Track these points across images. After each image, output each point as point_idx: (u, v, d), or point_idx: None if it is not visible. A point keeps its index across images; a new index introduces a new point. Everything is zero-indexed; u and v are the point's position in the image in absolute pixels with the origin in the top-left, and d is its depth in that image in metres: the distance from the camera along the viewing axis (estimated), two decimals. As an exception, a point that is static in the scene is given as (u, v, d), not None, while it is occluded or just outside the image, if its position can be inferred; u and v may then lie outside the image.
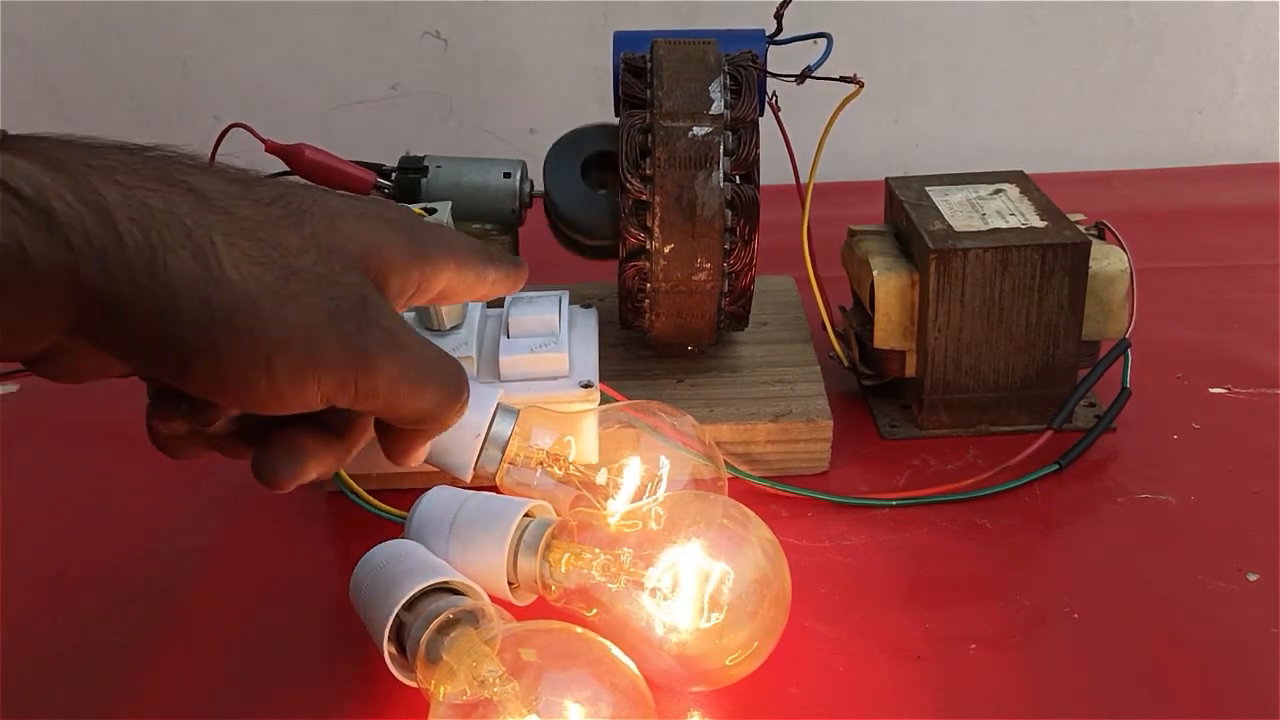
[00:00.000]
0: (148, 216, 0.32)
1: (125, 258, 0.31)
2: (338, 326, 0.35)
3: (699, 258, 0.57)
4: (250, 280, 0.33)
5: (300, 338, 0.34)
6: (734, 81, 0.58)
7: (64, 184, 0.31)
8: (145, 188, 0.32)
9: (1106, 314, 0.61)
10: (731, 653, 0.43)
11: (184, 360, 0.33)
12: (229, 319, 0.32)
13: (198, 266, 0.32)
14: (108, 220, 0.31)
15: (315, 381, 0.34)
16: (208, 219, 0.33)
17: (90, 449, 0.65)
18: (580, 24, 1.03)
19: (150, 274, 0.31)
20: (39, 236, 0.30)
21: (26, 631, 0.50)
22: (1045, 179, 0.67)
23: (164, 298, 0.32)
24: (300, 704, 0.46)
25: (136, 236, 0.31)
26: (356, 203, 0.38)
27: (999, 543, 0.53)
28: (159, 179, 0.33)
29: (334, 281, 0.35)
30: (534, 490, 0.50)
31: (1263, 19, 1.03)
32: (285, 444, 0.37)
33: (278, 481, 0.37)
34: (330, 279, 0.35)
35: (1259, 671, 0.45)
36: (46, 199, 0.30)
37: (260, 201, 0.35)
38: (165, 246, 0.32)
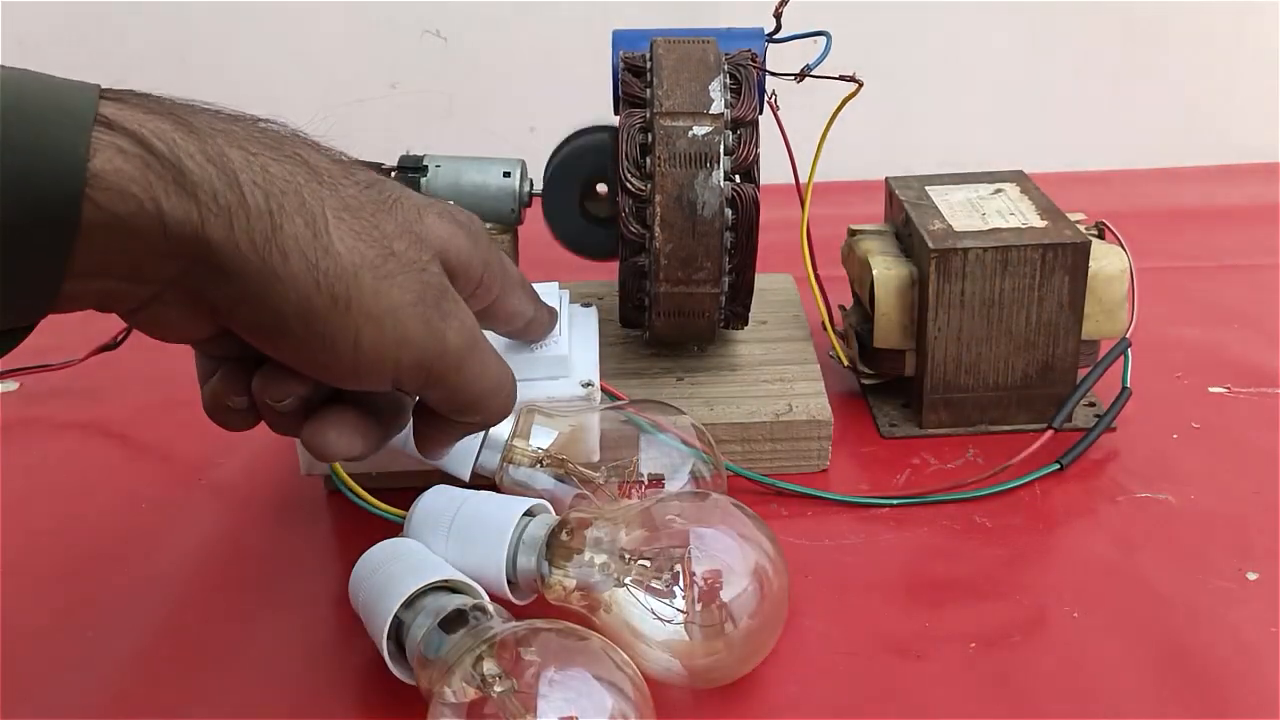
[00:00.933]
0: (269, 182, 0.33)
1: (247, 218, 0.33)
2: (424, 311, 0.37)
3: (699, 257, 0.57)
4: (355, 253, 0.35)
5: (389, 316, 0.36)
6: (734, 80, 0.58)
7: (194, 144, 0.32)
8: (265, 155, 0.34)
9: (1106, 314, 0.61)
10: (730, 652, 0.43)
11: (281, 321, 0.34)
12: (332, 286, 0.34)
13: (309, 234, 0.34)
14: (234, 182, 0.33)
15: (394, 360, 0.36)
16: (319, 191, 0.35)
17: (90, 448, 0.65)
18: (580, 23, 1.03)
19: (266, 236, 0.33)
20: (171, 191, 0.32)
21: (26, 631, 0.50)
22: (1045, 179, 0.67)
23: (276, 259, 0.33)
24: (299, 703, 0.46)
25: (258, 199, 0.33)
26: (436, 202, 0.40)
27: (999, 542, 0.53)
28: (276, 149, 0.35)
29: (423, 269, 0.37)
30: (533, 490, 0.50)
31: (1263, 19, 1.03)
32: (338, 418, 0.39)
33: (328, 452, 0.39)
34: (420, 266, 0.37)
35: (1259, 671, 0.45)
36: (179, 156, 0.32)
37: (360, 184, 0.37)
38: (283, 212, 0.34)
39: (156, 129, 0.32)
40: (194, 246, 0.32)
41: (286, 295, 0.34)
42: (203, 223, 0.32)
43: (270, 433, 0.65)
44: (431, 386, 0.38)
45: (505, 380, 0.41)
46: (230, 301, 0.34)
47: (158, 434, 0.65)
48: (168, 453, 0.64)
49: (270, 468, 0.61)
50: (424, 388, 0.38)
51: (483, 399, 0.40)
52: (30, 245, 0.31)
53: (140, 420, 0.67)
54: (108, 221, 0.31)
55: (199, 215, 0.32)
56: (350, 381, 0.37)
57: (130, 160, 0.31)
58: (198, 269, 0.33)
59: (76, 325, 0.68)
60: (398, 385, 0.38)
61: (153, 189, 0.31)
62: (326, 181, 0.35)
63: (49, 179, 0.30)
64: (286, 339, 0.35)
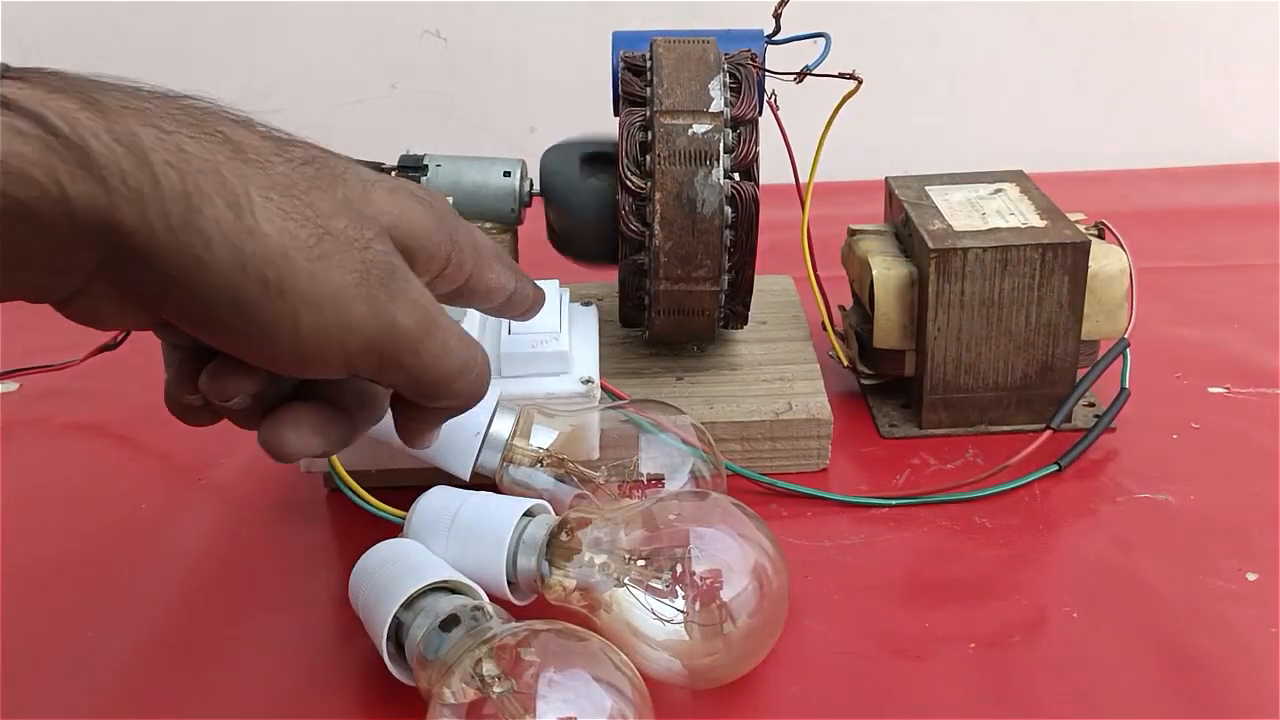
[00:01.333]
0: (184, 162, 0.31)
1: (160, 201, 0.31)
2: (368, 291, 0.34)
3: (699, 254, 0.57)
4: (284, 234, 0.33)
5: (329, 298, 0.33)
6: (733, 79, 0.58)
7: (101, 123, 0.30)
8: (182, 133, 0.32)
9: (1106, 314, 0.61)
10: (730, 652, 0.43)
11: (212, 310, 0.32)
12: (260, 270, 0.32)
13: (232, 216, 0.32)
14: (144, 162, 0.31)
15: (340, 345, 0.34)
16: (243, 170, 0.33)
17: (90, 448, 0.65)
18: (580, 23, 1.03)
19: (184, 219, 0.31)
20: (76, 174, 0.30)
21: (26, 631, 0.50)
22: (1045, 179, 0.67)
23: (197, 244, 0.31)
24: (299, 703, 0.46)
25: (172, 180, 0.31)
26: (388, 178, 0.38)
27: (999, 542, 0.53)
28: (196, 126, 0.33)
29: (365, 246, 0.35)
30: (533, 489, 0.50)
31: (1263, 19, 1.03)
32: (295, 416, 0.37)
33: (284, 452, 0.37)
34: (362, 244, 0.35)
35: (1259, 671, 0.45)
36: (83, 137, 0.30)
37: (294, 160, 0.35)
38: (201, 193, 0.31)
39: (60, 108, 0.30)
40: (106, 232, 0.31)
41: (213, 282, 0.32)
42: (112, 206, 0.30)
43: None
44: (389, 371, 0.36)
45: (472, 360, 0.38)
46: (157, 291, 0.32)
47: (158, 434, 0.65)
48: (168, 453, 0.64)
49: (270, 468, 0.61)
50: (381, 373, 0.36)
51: (448, 381, 0.37)
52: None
53: (140, 420, 0.67)
54: (10, 208, 0.29)
55: (107, 199, 0.30)
56: (299, 370, 0.35)
57: (30, 142, 0.29)
58: (117, 257, 0.31)
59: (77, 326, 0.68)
60: (353, 372, 0.36)
61: (55, 172, 0.29)
62: (252, 159, 0.33)
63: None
64: (221, 329, 0.33)
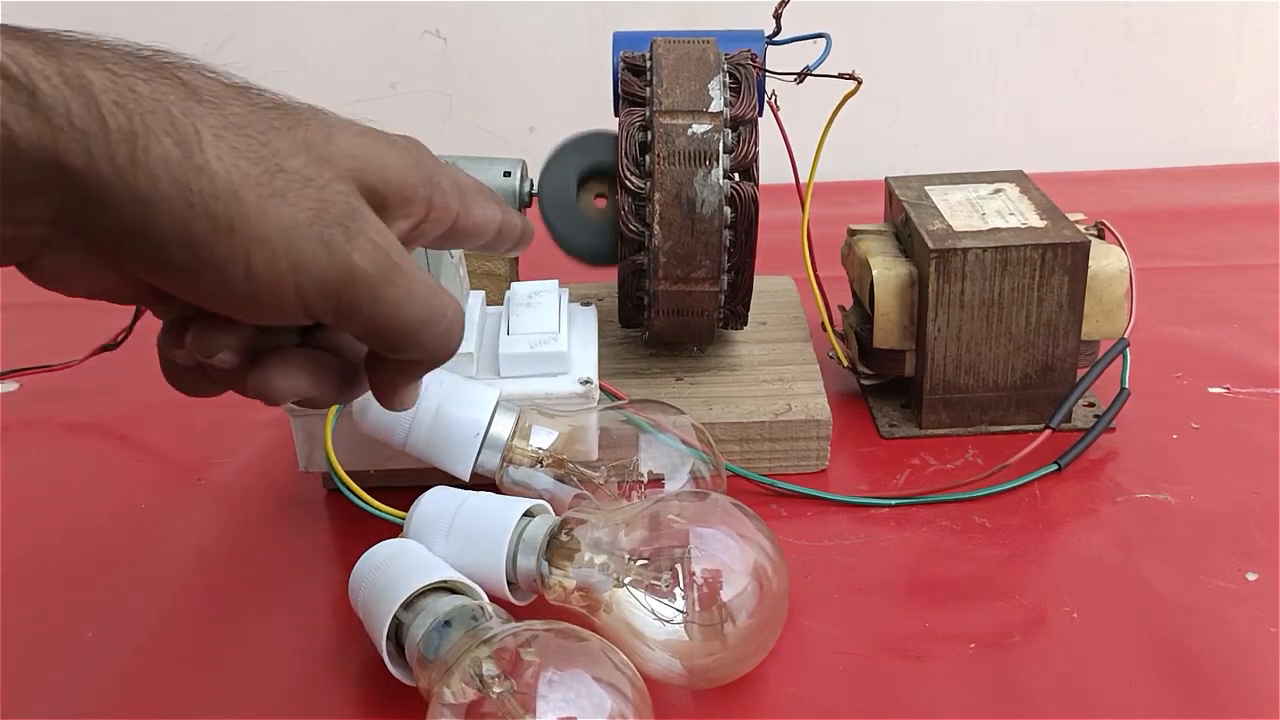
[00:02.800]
0: (133, 102, 0.32)
1: (107, 140, 0.31)
2: (322, 231, 0.34)
3: (698, 255, 0.57)
4: (235, 171, 0.32)
5: (280, 236, 0.33)
6: (733, 80, 0.58)
7: (51, 66, 0.31)
8: (135, 76, 0.32)
9: (1106, 314, 0.61)
10: (730, 652, 0.43)
11: (164, 252, 0.32)
12: (208, 207, 0.32)
13: (180, 154, 0.32)
14: (92, 103, 0.31)
15: (294, 285, 0.34)
16: (195, 110, 0.33)
17: (90, 448, 0.65)
18: (580, 24, 1.03)
19: (130, 158, 0.31)
20: (22, 113, 0.30)
21: (26, 631, 0.50)
22: (1045, 179, 0.67)
23: (143, 182, 0.31)
24: (299, 703, 0.46)
25: (119, 119, 0.31)
26: (356, 123, 0.37)
27: (999, 542, 0.53)
28: (152, 71, 0.33)
29: (322, 186, 0.34)
30: (533, 490, 0.50)
31: (1263, 19, 1.03)
32: (282, 360, 0.37)
33: (272, 393, 0.36)
34: (319, 183, 0.34)
35: (1259, 671, 0.45)
36: (32, 79, 0.30)
37: (255, 105, 0.34)
38: (148, 131, 0.31)
39: (14, 52, 0.30)
40: (55, 173, 0.31)
41: (161, 222, 0.32)
42: (57, 145, 0.30)
43: (270, 432, 0.66)
44: (347, 317, 0.35)
45: (441, 309, 0.37)
46: (111, 237, 0.32)
47: (158, 434, 0.65)
48: (168, 453, 0.64)
49: (270, 467, 0.61)
50: (340, 319, 0.35)
51: (412, 331, 0.36)
52: None
53: (140, 420, 0.67)
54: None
55: (53, 138, 0.30)
56: (255, 314, 0.34)
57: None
58: (70, 202, 0.31)
59: (77, 325, 0.69)
60: (313, 317, 0.35)
61: (3, 113, 0.30)
62: (208, 100, 0.33)
63: None
64: (174, 271, 0.33)
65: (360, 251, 0.34)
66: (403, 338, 0.36)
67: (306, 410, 0.54)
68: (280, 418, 0.63)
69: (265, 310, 0.34)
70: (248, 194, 0.32)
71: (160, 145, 0.32)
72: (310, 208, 0.34)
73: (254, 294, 0.33)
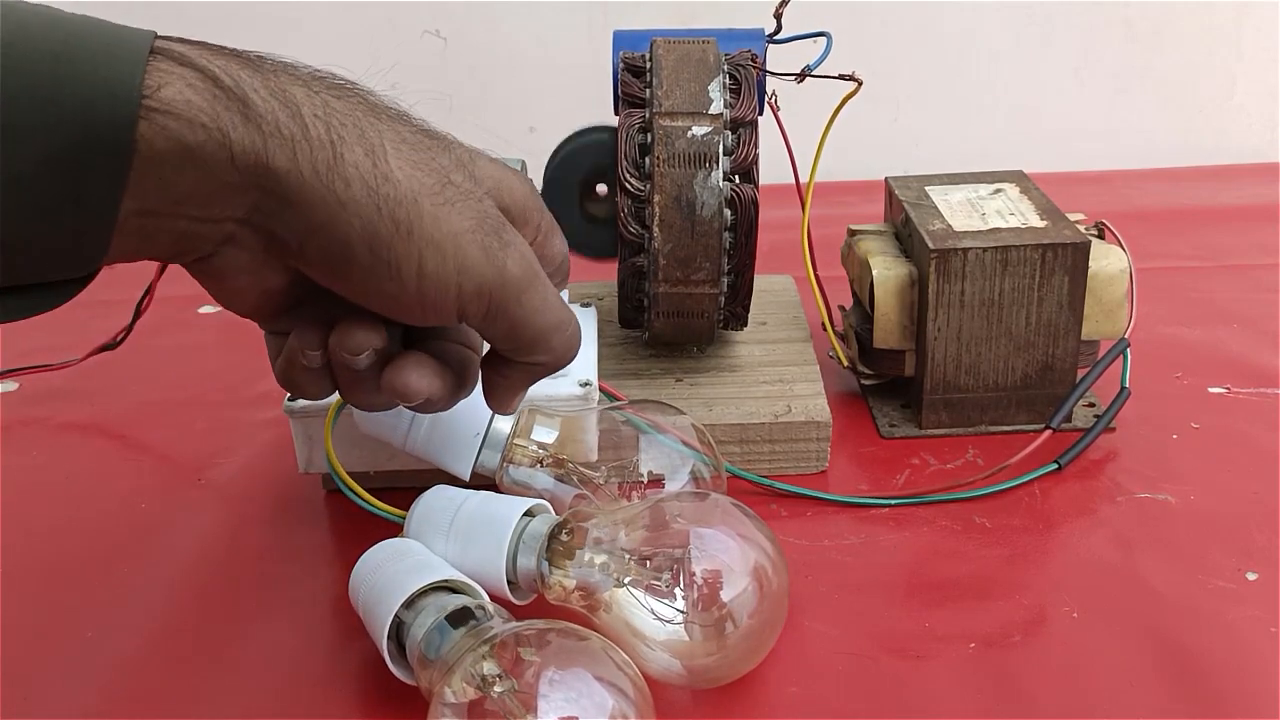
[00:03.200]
0: (330, 114, 0.35)
1: (309, 147, 0.34)
2: (483, 239, 0.38)
3: (698, 257, 0.57)
4: (414, 180, 0.36)
5: (450, 242, 0.37)
6: (733, 81, 0.58)
7: (259, 79, 0.34)
8: (326, 93, 0.36)
9: (1106, 314, 0.61)
10: (730, 652, 0.43)
11: (348, 250, 0.36)
12: (393, 211, 0.36)
13: (369, 162, 0.36)
14: (296, 114, 0.34)
15: (456, 289, 0.37)
16: (377, 124, 0.37)
17: (90, 448, 0.65)
18: (580, 24, 1.03)
19: (328, 164, 0.35)
20: (238, 122, 0.33)
21: (26, 631, 0.50)
22: (1045, 179, 0.67)
23: (339, 186, 0.35)
24: (299, 703, 0.46)
25: (319, 129, 0.35)
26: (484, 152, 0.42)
27: (999, 542, 0.53)
28: (337, 89, 0.37)
29: (479, 199, 0.38)
30: (533, 490, 0.50)
31: (1263, 19, 1.04)
32: (416, 360, 0.40)
33: (409, 391, 0.40)
34: (477, 196, 0.38)
35: (1259, 671, 0.45)
36: (244, 90, 0.34)
37: (414, 127, 0.39)
38: (343, 141, 0.35)
39: (224, 66, 0.34)
40: (260, 176, 0.34)
41: (351, 222, 0.35)
42: (267, 152, 0.34)
43: (270, 432, 0.66)
44: (494, 319, 0.39)
45: (568, 318, 0.41)
46: (299, 234, 0.36)
47: (157, 434, 0.65)
48: (167, 453, 0.64)
49: (269, 468, 0.61)
50: (486, 320, 0.39)
51: (546, 335, 0.40)
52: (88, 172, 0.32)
53: (140, 420, 0.67)
54: (178, 152, 0.32)
55: (264, 145, 0.34)
56: (417, 313, 0.38)
57: (199, 93, 0.33)
58: (266, 202, 0.35)
59: (76, 325, 0.69)
60: (462, 318, 0.39)
61: (220, 119, 0.33)
62: (384, 119, 0.37)
63: (105, 105, 0.31)
64: (354, 268, 0.36)
65: (512, 260, 0.39)
66: (536, 341, 0.40)
67: (306, 411, 0.54)
68: (280, 418, 0.63)
69: (427, 309, 0.38)
70: (424, 202, 0.36)
71: (353, 154, 0.35)
72: (473, 217, 0.38)
73: (421, 292, 0.37)
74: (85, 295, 0.36)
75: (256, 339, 0.43)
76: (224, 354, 0.74)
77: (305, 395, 0.42)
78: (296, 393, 0.42)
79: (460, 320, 0.39)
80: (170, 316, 0.76)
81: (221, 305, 0.40)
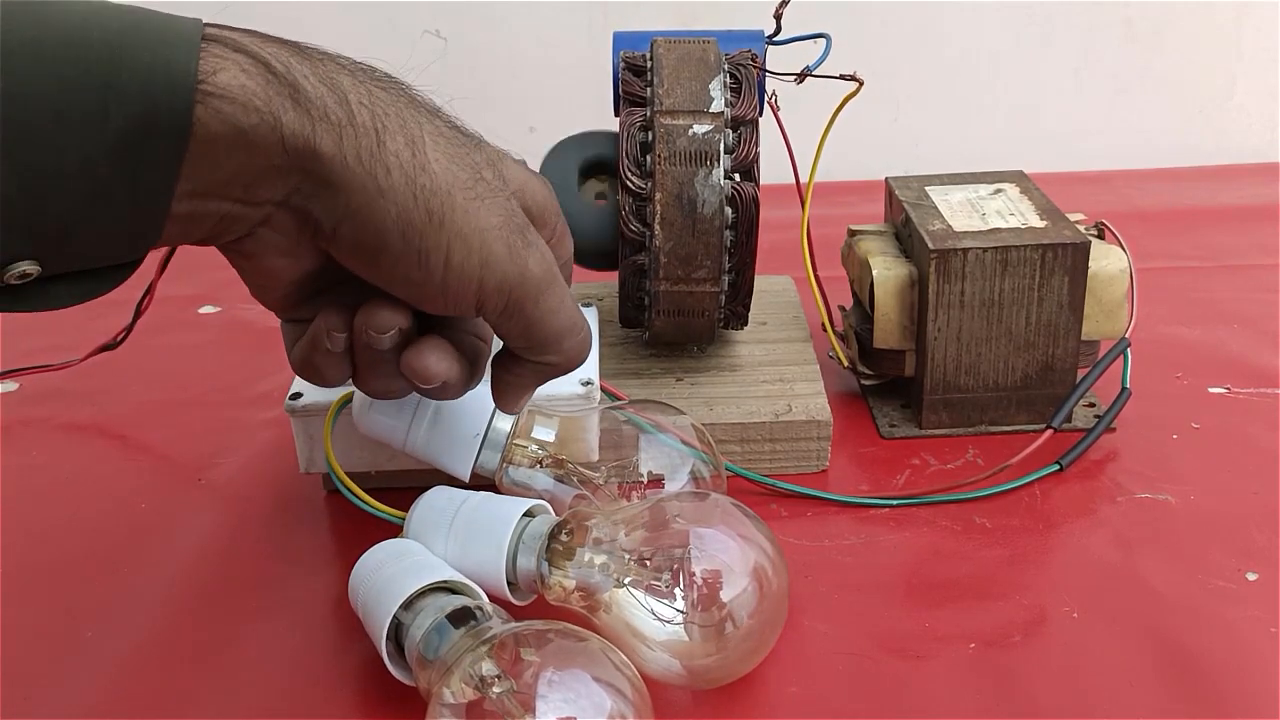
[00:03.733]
0: (374, 104, 0.36)
1: (355, 134, 0.35)
2: (508, 236, 0.39)
3: (699, 256, 0.57)
4: (449, 174, 0.37)
5: (478, 236, 0.38)
6: (734, 80, 0.58)
7: (308, 67, 0.35)
8: (371, 84, 0.37)
9: (1106, 314, 0.61)
10: (730, 652, 0.43)
11: (382, 236, 0.37)
12: (428, 201, 0.37)
13: (409, 153, 0.37)
14: (344, 100, 0.35)
15: (478, 282, 0.38)
16: (417, 117, 0.38)
17: (90, 448, 0.65)
18: (580, 24, 1.03)
19: (371, 151, 0.36)
20: (288, 106, 0.34)
21: (26, 631, 0.50)
22: (1045, 179, 0.67)
23: (379, 173, 0.36)
24: (299, 703, 0.46)
25: (364, 117, 0.36)
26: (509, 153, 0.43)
27: (999, 542, 0.53)
28: (380, 80, 0.38)
29: (507, 198, 0.40)
30: (533, 490, 0.50)
31: (1263, 19, 1.03)
32: (435, 343, 0.41)
33: (429, 373, 0.41)
34: (504, 195, 0.39)
35: (1259, 671, 0.45)
36: (294, 76, 0.35)
37: (449, 123, 0.40)
38: (386, 130, 0.36)
39: (275, 53, 0.35)
40: (305, 159, 0.35)
41: (387, 209, 0.36)
42: (315, 136, 0.34)
43: (270, 432, 0.66)
44: (511, 315, 0.40)
45: (582, 322, 0.42)
46: (335, 218, 0.36)
47: (158, 434, 0.65)
48: (167, 453, 0.64)
49: (269, 468, 0.61)
50: (504, 315, 0.40)
51: (560, 335, 0.41)
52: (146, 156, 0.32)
53: (140, 420, 0.67)
54: (231, 134, 0.33)
55: (312, 129, 0.34)
56: (439, 302, 0.39)
57: (252, 78, 0.34)
58: (307, 185, 0.35)
59: (76, 325, 0.69)
60: (480, 311, 0.40)
61: (273, 104, 0.34)
62: (424, 112, 0.38)
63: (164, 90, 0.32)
64: (385, 255, 0.37)
65: (534, 259, 0.40)
66: (549, 341, 0.41)
67: (306, 411, 0.54)
68: (280, 418, 0.63)
69: (449, 298, 0.39)
70: (458, 195, 0.37)
71: (395, 143, 0.36)
72: (501, 215, 0.39)
73: (445, 282, 0.38)
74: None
75: (257, 339, 0.43)
76: (224, 354, 0.74)
77: (323, 381, 0.42)
78: (314, 378, 0.42)
79: (478, 313, 0.40)
80: (170, 316, 0.76)
81: (248, 288, 0.41)
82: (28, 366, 0.71)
